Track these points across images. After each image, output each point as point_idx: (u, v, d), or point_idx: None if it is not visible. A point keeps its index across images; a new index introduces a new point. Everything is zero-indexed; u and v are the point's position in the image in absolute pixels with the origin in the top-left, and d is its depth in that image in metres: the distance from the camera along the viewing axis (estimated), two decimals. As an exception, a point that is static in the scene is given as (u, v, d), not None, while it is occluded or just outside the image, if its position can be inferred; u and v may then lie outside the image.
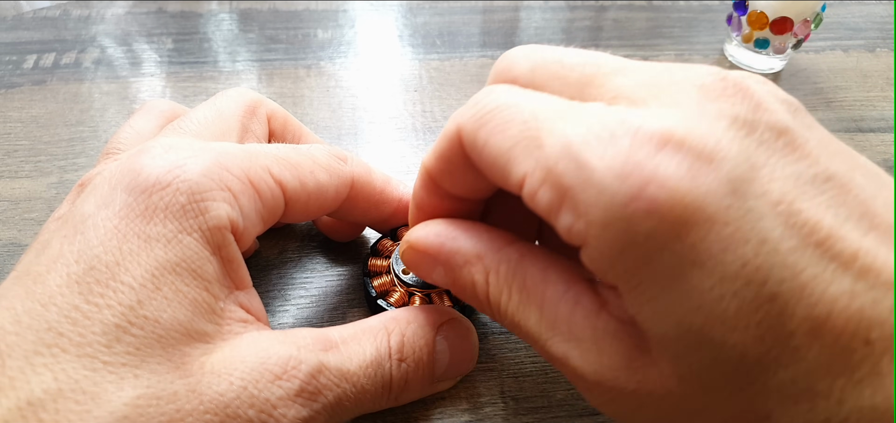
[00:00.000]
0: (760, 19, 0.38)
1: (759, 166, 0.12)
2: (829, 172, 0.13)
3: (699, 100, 0.13)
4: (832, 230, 0.12)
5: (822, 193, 0.13)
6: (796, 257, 0.12)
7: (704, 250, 0.12)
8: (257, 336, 0.17)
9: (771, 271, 0.12)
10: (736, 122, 0.13)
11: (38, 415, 0.13)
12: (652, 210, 0.12)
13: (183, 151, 0.17)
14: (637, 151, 0.12)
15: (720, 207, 0.12)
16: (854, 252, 0.12)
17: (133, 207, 0.16)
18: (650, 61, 0.16)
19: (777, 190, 0.12)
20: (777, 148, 0.13)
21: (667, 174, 0.12)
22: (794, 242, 0.12)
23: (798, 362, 0.12)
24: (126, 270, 0.15)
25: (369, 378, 0.18)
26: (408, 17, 0.46)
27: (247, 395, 0.15)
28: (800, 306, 0.12)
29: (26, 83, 0.37)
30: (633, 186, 0.12)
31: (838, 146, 0.14)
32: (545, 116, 0.14)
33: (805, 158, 0.13)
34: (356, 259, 0.27)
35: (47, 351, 0.14)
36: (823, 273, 0.12)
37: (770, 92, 0.14)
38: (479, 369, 0.23)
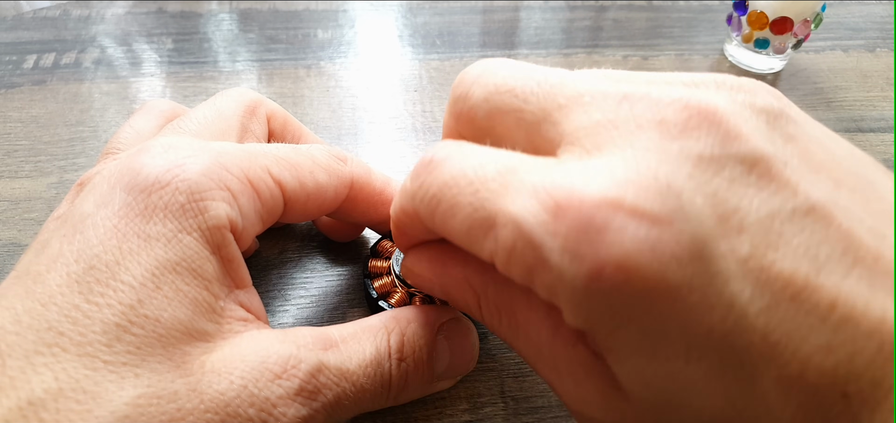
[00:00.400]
0: (760, 19, 0.38)
1: (727, 215, 0.12)
2: (809, 203, 0.12)
3: (659, 141, 0.12)
4: (808, 279, 0.11)
5: (801, 231, 0.12)
6: (767, 318, 0.11)
7: (670, 320, 0.11)
8: (257, 335, 0.17)
9: (739, 335, 0.11)
10: (700, 162, 0.12)
11: (39, 415, 0.13)
12: (613, 289, 0.11)
13: (182, 150, 0.17)
14: (588, 227, 0.11)
15: (684, 276, 0.11)
16: (832, 301, 0.11)
17: (132, 207, 0.16)
18: (623, 71, 0.15)
19: (747, 243, 0.11)
20: (750, 183, 0.12)
21: (622, 251, 0.11)
22: (765, 300, 0.11)
23: (773, 420, 0.12)
24: (126, 269, 0.15)
25: (369, 378, 0.18)
26: (408, 17, 0.46)
27: (247, 394, 0.15)
28: (771, 367, 0.11)
29: (26, 83, 0.37)
30: (590, 268, 0.11)
31: (823, 152, 0.13)
32: (492, 190, 0.13)
33: (782, 190, 0.12)
34: (356, 259, 0.27)
35: (48, 351, 0.14)
36: (797, 330, 0.11)
37: (744, 106, 0.13)
38: (479, 369, 0.23)
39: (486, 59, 0.16)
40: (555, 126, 0.14)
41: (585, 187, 0.12)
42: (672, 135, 0.12)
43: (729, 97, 0.13)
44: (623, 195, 0.11)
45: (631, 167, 0.12)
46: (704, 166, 0.12)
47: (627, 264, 0.11)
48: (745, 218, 0.12)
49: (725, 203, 0.12)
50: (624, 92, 0.14)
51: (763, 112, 0.13)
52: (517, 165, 0.13)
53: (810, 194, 0.12)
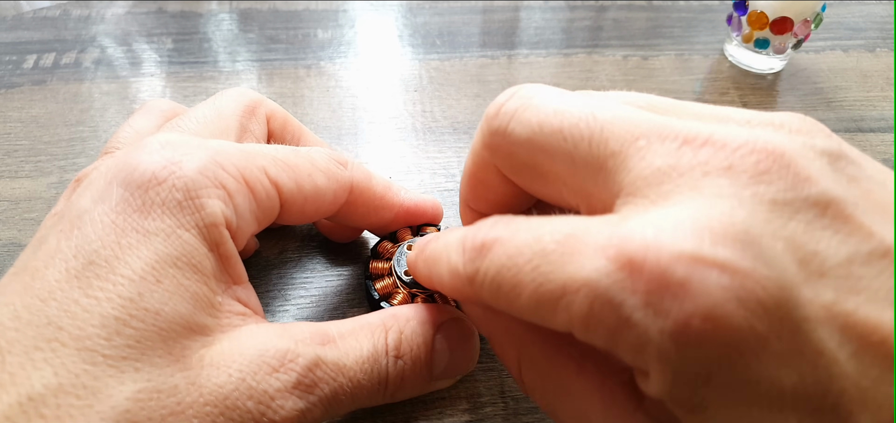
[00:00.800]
0: (760, 19, 0.38)
1: (808, 260, 0.11)
2: (885, 245, 0.12)
3: (730, 187, 0.12)
4: (890, 330, 0.11)
5: (880, 274, 0.11)
6: (855, 365, 0.11)
7: (759, 370, 0.11)
8: (256, 329, 0.17)
9: (830, 382, 0.11)
10: (775, 207, 0.12)
11: (40, 411, 0.13)
12: (701, 343, 0.11)
13: (179, 147, 0.17)
14: (669, 281, 0.11)
15: (771, 324, 0.11)
16: None
17: (130, 202, 0.16)
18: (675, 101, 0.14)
19: (830, 288, 0.11)
20: (825, 226, 0.12)
21: (708, 303, 0.11)
22: (852, 347, 0.11)
23: None
24: (126, 264, 0.15)
25: (366, 374, 0.18)
26: (408, 17, 0.46)
27: (245, 387, 0.15)
28: (864, 416, 0.11)
29: (26, 83, 0.37)
30: (675, 322, 0.11)
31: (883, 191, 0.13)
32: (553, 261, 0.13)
33: (856, 233, 0.12)
34: (356, 260, 0.27)
35: (47, 346, 0.14)
36: (886, 375, 0.11)
37: (808, 148, 0.13)
38: (479, 369, 0.23)
39: (522, 88, 0.15)
40: (611, 176, 0.13)
41: (659, 240, 0.11)
42: (743, 181, 0.12)
43: (791, 139, 0.13)
44: (701, 245, 0.11)
45: (704, 215, 0.11)
46: (779, 211, 0.12)
47: (714, 314, 0.11)
48: (824, 262, 0.11)
49: (804, 248, 0.11)
50: (683, 135, 0.13)
51: (825, 154, 0.13)
52: (575, 229, 0.13)
53: (885, 237, 0.12)
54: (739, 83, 0.40)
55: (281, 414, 0.16)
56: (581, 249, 0.12)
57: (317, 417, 0.17)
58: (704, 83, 0.40)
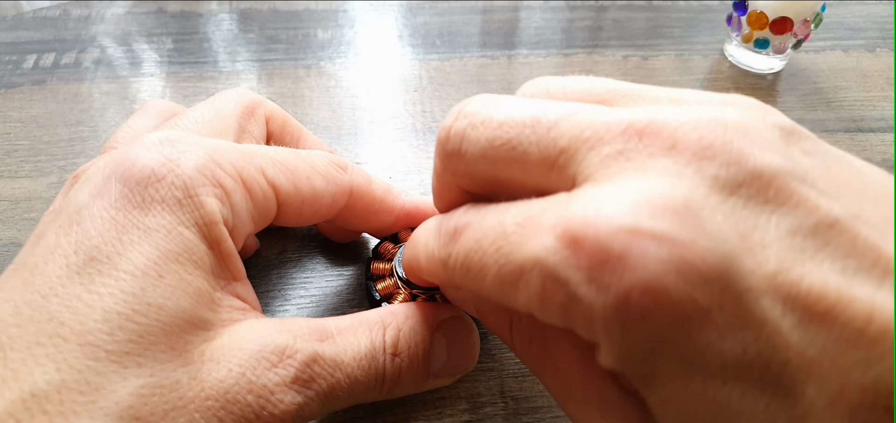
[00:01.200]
0: (760, 19, 0.38)
1: (748, 233, 0.11)
2: (831, 217, 0.12)
3: (672, 166, 0.12)
4: (840, 293, 0.11)
5: (826, 244, 0.11)
6: (801, 334, 0.11)
7: (702, 342, 0.11)
8: (255, 324, 0.17)
9: (774, 352, 0.11)
10: (717, 183, 0.12)
11: (43, 407, 0.13)
12: (642, 316, 0.11)
13: (177, 145, 0.17)
14: (608, 254, 0.11)
15: (712, 295, 0.11)
16: (867, 315, 0.11)
17: (129, 198, 0.16)
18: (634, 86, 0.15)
19: (772, 258, 0.11)
20: (768, 199, 0.12)
21: (647, 275, 0.11)
22: (796, 316, 0.11)
23: None
24: (127, 259, 0.15)
25: (363, 370, 0.18)
26: (408, 17, 0.46)
27: (245, 381, 0.15)
28: (810, 386, 0.11)
29: (26, 83, 0.37)
30: (616, 296, 0.11)
31: (841, 169, 0.13)
32: (513, 243, 0.13)
33: (801, 205, 0.12)
34: (356, 260, 0.27)
35: (49, 342, 0.14)
36: (834, 345, 0.11)
37: (756, 121, 0.13)
38: (479, 369, 0.23)
39: (467, 104, 0.15)
40: (562, 171, 0.14)
41: (599, 215, 0.12)
42: (685, 158, 0.12)
43: (740, 115, 0.13)
44: (639, 219, 0.11)
45: (645, 191, 0.12)
46: (721, 185, 0.12)
47: (653, 286, 0.11)
48: (765, 235, 0.11)
49: (746, 220, 0.12)
50: (628, 121, 0.13)
51: (776, 127, 0.13)
52: (533, 211, 0.13)
53: (832, 209, 0.12)
54: (739, 83, 0.40)
55: (280, 408, 0.16)
56: (535, 229, 0.13)
57: (314, 411, 0.17)
58: (704, 83, 0.40)
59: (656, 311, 0.11)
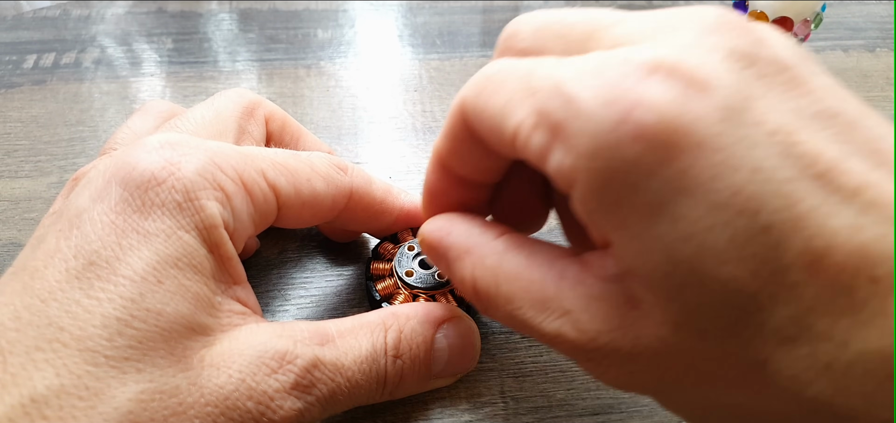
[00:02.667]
0: (760, 19, 0.38)
1: (755, 97, 0.12)
2: (834, 109, 0.12)
3: (697, 33, 0.13)
4: (835, 162, 0.11)
5: (826, 128, 0.12)
6: (793, 187, 0.11)
7: (693, 177, 0.11)
8: (256, 329, 0.17)
9: (764, 200, 0.11)
10: (733, 53, 0.12)
11: (42, 412, 0.13)
12: (638, 134, 0.11)
13: (177, 147, 0.17)
14: (625, 79, 0.12)
15: (711, 133, 0.11)
16: (859, 185, 0.11)
17: (129, 203, 0.16)
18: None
19: (774, 120, 0.12)
20: (778, 82, 0.12)
21: (654, 98, 0.11)
22: (791, 172, 0.11)
23: (796, 300, 0.11)
24: (127, 264, 0.15)
25: (364, 374, 0.18)
26: (408, 17, 0.46)
27: (245, 387, 0.15)
28: (796, 239, 0.11)
29: (26, 83, 0.37)
30: (619, 111, 0.12)
31: (848, 94, 0.13)
32: (541, 69, 0.14)
33: (809, 95, 0.12)
34: (356, 260, 0.27)
35: (48, 346, 0.14)
36: (823, 205, 0.11)
37: (776, 33, 0.14)
38: (479, 369, 0.23)
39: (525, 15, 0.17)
40: (599, 41, 0.14)
41: (627, 52, 0.13)
42: (709, 30, 0.13)
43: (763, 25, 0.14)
44: (662, 57, 0.12)
45: (671, 45, 0.13)
46: (737, 58, 0.12)
47: (656, 107, 0.11)
48: (772, 107, 0.12)
49: (753, 91, 0.12)
50: (670, 10, 0.14)
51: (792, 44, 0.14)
52: (567, 57, 0.14)
53: (836, 104, 0.12)
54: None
55: (280, 414, 0.16)
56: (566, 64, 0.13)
57: (315, 416, 0.17)
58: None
59: (653, 132, 0.11)
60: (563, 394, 0.22)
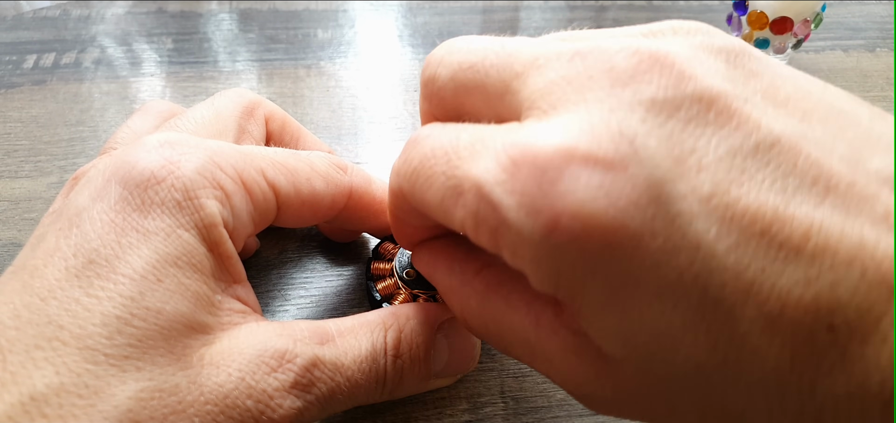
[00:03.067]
0: (760, 19, 0.38)
1: (684, 156, 0.11)
2: (773, 136, 0.11)
3: (610, 90, 0.12)
4: (777, 213, 0.11)
5: (766, 165, 0.11)
6: (738, 256, 0.11)
7: (636, 268, 0.11)
8: (255, 328, 0.17)
9: (710, 276, 0.11)
10: (653, 106, 0.12)
11: (42, 410, 0.13)
12: (571, 241, 0.11)
13: (177, 146, 0.17)
14: (542, 183, 0.11)
15: (644, 221, 0.11)
16: (805, 232, 0.11)
17: (129, 201, 0.16)
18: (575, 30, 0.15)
19: (708, 181, 0.11)
20: (708, 122, 0.12)
21: (576, 202, 0.11)
22: (732, 238, 0.11)
23: (759, 362, 0.11)
24: (126, 263, 0.15)
25: (363, 373, 0.18)
26: (408, 17, 0.46)
27: (245, 386, 0.15)
28: (748, 307, 0.11)
29: (26, 83, 0.37)
30: (545, 223, 0.11)
31: (789, 88, 0.13)
32: (462, 158, 0.13)
33: (742, 126, 0.12)
34: (356, 260, 0.27)
35: (48, 345, 0.14)
36: (771, 265, 0.11)
37: (700, 48, 0.13)
38: (479, 369, 0.23)
39: (451, 39, 0.17)
40: (515, 95, 0.14)
41: (538, 142, 0.12)
42: (623, 82, 0.12)
43: (684, 40, 0.13)
44: (575, 145, 0.11)
45: (583, 118, 0.12)
46: (658, 109, 0.12)
47: (583, 212, 0.11)
48: (703, 157, 0.11)
49: (682, 144, 0.11)
50: (576, 49, 0.13)
51: (722, 51, 0.13)
52: (485, 134, 0.14)
53: (774, 127, 0.12)
54: (739, 83, 0.40)
55: (279, 413, 0.16)
56: (481, 151, 0.13)
57: (314, 415, 0.17)
58: (704, 83, 0.40)
59: (585, 237, 0.11)
60: (563, 394, 0.22)
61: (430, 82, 0.17)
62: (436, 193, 0.14)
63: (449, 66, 0.16)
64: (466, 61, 0.15)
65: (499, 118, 0.15)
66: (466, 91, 0.15)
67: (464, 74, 0.15)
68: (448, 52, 0.16)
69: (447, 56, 0.16)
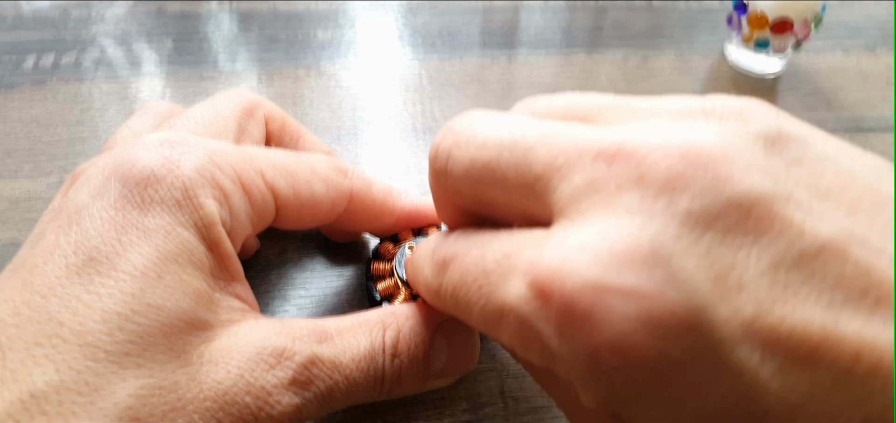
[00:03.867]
0: (760, 20, 0.38)
1: (724, 274, 0.11)
2: (818, 243, 0.11)
3: (641, 201, 0.11)
4: (825, 332, 0.10)
5: (811, 276, 0.10)
6: (782, 381, 0.10)
7: (678, 394, 0.11)
8: (254, 325, 0.17)
9: (753, 403, 0.10)
10: (689, 218, 0.11)
11: (42, 408, 0.13)
12: (614, 371, 0.11)
13: (177, 146, 0.17)
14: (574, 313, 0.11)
15: (684, 350, 0.10)
16: (856, 353, 0.10)
17: (129, 199, 0.16)
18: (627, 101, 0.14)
19: (750, 302, 0.10)
20: (747, 230, 0.11)
21: (613, 334, 0.11)
22: (777, 363, 0.10)
23: None
24: (127, 260, 0.15)
25: (362, 372, 0.18)
26: (408, 18, 0.46)
27: (244, 382, 0.16)
28: None
29: (26, 83, 0.37)
30: (586, 353, 0.11)
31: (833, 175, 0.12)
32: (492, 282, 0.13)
33: (785, 233, 0.11)
34: (356, 260, 0.27)
35: (48, 342, 0.14)
36: (819, 389, 0.10)
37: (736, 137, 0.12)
38: (479, 369, 0.23)
39: (456, 122, 0.15)
40: (540, 199, 0.13)
41: (564, 267, 0.11)
42: (654, 192, 0.11)
43: (718, 129, 0.12)
44: (605, 273, 0.11)
45: (612, 236, 0.11)
46: (693, 222, 0.11)
47: (622, 345, 0.11)
48: (743, 274, 0.11)
49: (721, 261, 0.11)
50: (598, 148, 0.12)
51: (759, 138, 0.12)
52: (512, 249, 0.13)
53: (819, 232, 0.11)
54: (739, 84, 0.40)
55: (278, 410, 0.16)
56: (511, 271, 0.12)
57: (313, 412, 0.17)
58: (704, 84, 0.40)
59: (627, 367, 0.11)
60: (563, 394, 0.22)
61: (441, 176, 0.16)
62: (478, 319, 0.14)
63: (460, 163, 0.15)
64: (479, 160, 0.14)
65: (527, 214, 0.14)
66: (484, 185, 0.15)
67: (479, 173, 0.15)
68: (456, 143, 0.15)
69: (455, 150, 0.15)
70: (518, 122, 0.14)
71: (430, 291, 0.16)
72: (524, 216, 0.14)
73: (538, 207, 0.13)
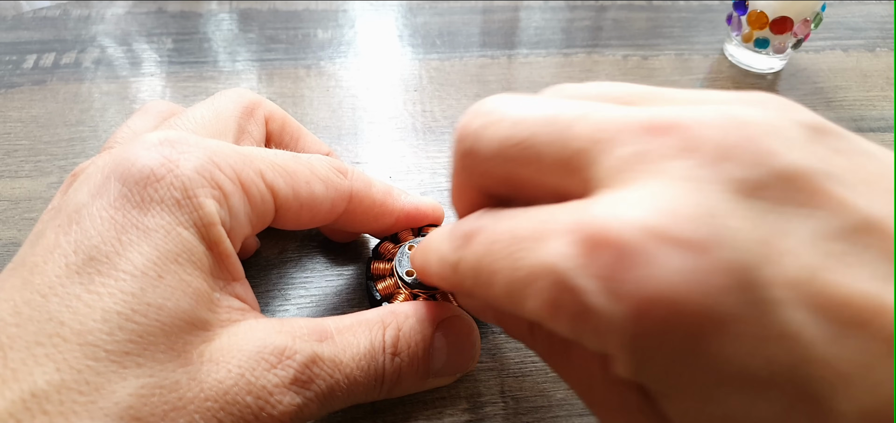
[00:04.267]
0: (760, 19, 0.38)
1: (770, 239, 0.11)
2: (862, 218, 0.11)
3: (693, 168, 0.11)
4: (876, 302, 0.10)
5: (859, 248, 0.11)
6: (830, 345, 0.10)
7: (723, 357, 0.10)
8: (254, 324, 0.17)
9: (804, 366, 0.10)
10: (740, 187, 0.11)
11: (43, 407, 0.13)
12: (659, 326, 0.11)
13: (177, 145, 0.17)
14: (626, 262, 0.11)
15: (730, 306, 0.10)
16: None
17: (128, 198, 0.16)
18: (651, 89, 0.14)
19: (799, 265, 0.10)
20: (795, 202, 0.11)
21: (665, 284, 0.10)
22: (826, 326, 0.10)
23: None
24: (127, 259, 0.15)
25: (362, 370, 0.18)
26: (408, 17, 0.46)
27: (244, 382, 0.16)
28: (844, 400, 0.10)
29: (26, 83, 0.37)
30: (634, 307, 0.11)
31: (874, 166, 0.12)
32: (525, 246, 0.13)
33: (832, 206, 0.11)
34: (356, 260, 0.27)
35: (49, 341, 0.14)
36: (869, 357, 0.10)
37: (783, 119, 0.12)
38: (480, 368, 0.23)
39: (483, 103, 0.15)
40: (578, 174, 0.13)
41: (618, 219, 0.11)
42: (706, 160, 0.11)
43: (763, 113, 0.12)
44: (661, 223, 0.11)
45: (667, 196, 0.11)
46: (744, 190, 0.11)
47: (671, 297, 0.10)
48: (793, 240, 0.11)
49: (771, 226, 0.11)
50: (646, 122, 0.12)
51: (804, 126, 0.12)
52: (547, 215, 0.13)
53: (863, 209, 0.11)
54: (739, 83, 0.40)
55: (278, 409, 0.16)
56: (549, 234, 0.12)
57: (313, 411, 0.17)
58: (704, 83, 0.40)
59: (675, 322, 0.10)
60: (563, 394, 0.22)
61: (468, 156, 0.15)
62: (501, 290, 0.13)
63: (490, 141, 0.14)
64: (513, 138, 0.14)
65: (561, 192, 0.14)
66: (517, 166, 0.14)
67: (511, 151, 0.14)
68: (485, 123, 0.15)
69: (484, 130, 0.15)
70: (552, 102, 0.14)
71: (444, 267, 0.16)
72: (555, 194, 0.14)
73: (573, 183, 0.13)
